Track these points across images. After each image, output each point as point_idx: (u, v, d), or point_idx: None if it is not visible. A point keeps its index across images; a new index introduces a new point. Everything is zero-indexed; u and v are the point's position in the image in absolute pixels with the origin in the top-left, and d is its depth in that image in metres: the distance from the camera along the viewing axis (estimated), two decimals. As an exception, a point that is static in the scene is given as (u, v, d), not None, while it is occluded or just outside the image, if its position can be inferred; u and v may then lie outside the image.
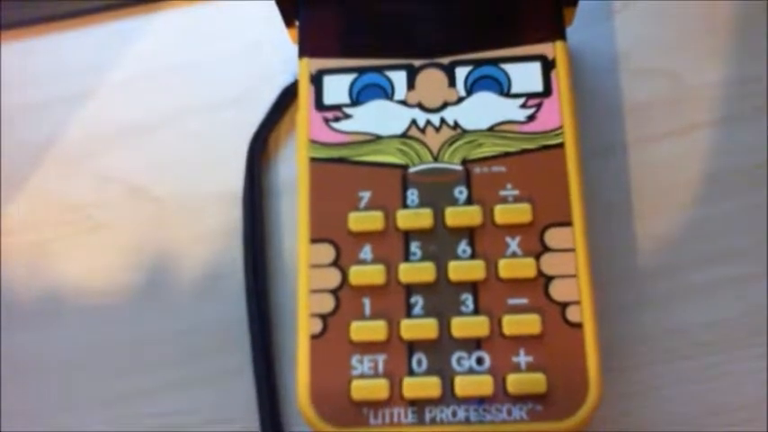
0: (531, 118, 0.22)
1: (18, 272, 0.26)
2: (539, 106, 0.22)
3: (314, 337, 0.21)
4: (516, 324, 0.21)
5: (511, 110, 0.22)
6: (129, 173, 0.27)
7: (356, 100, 0.23)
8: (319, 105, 0.23)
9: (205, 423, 0.24)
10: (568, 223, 0.21)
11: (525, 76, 0.23)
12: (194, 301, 0.25)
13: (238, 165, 0.26)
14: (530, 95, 0.22)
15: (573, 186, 0.22)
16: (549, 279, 0.21)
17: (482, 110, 0.22)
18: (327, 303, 0.21)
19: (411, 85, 0.23)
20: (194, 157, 0.26)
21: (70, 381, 0.24)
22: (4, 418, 0.24)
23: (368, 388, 0.21)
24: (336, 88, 0.23)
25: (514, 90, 0.22)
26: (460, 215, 0.22)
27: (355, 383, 0.21)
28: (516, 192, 0.22)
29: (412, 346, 0.21)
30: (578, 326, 0.21)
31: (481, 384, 0.20)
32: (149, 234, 0.26)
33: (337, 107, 0.23)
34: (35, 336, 0.25)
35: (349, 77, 0.23)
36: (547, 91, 0.22)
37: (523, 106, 0.22)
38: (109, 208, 0.26)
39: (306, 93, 0.23)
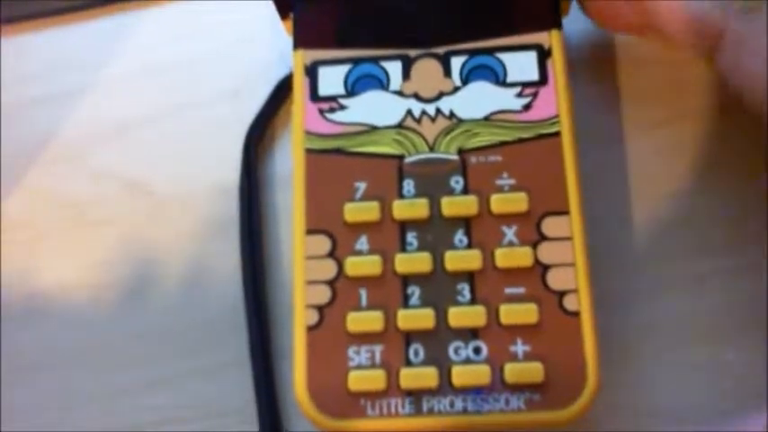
0: (527, 107, 0.22)
1: (15, 268, 0.26)
2: (535, 95, 0.22)
3: (310, 329, 0.21)
4: (513, 313, 0.21)
5: (507, 99, 0.22)
6: (126, 168, 0.27)
7: (351, 91, 0.23)
8: (314, 97, 0.23)
9: (202, 417, 0.23)
10: (565, 212, 0.21)
11: (521, 66, 0.22)
12: (191, 295, 0.25)
13: (235, 159, 0.25)
14: (525, 84, 0.22)
15: (569, 175, 0.21)
16: (546, 268, 0.21)
17: (478, 99, 0.22)
18: (324, 294, 0.21)
19: (406, 75, 0.23)
20: (191, 151, 0.26)
21: (67, 376, 0.24)
22: (3, 414, 0.24)
23: (365, 379, 0.21)
24: (331, 79, 0.23)
25: (510, 79, 0.22)
26: (457, 205, 0.21)
27: (352, 374, 0.21)
28: (512, 181, 0.22)
29: (409, 337, 0.21)
30: (575, 314, 0.20)
31: (478, 374, 0.20)
32: (146, 229, 0.26)
33: (332, 98, 0.23)
34: (32, 332, 0.25)
35: (344, 68, 0.23)
36: (543, 80, 0.22)
37: (519, 95, 0.22)
38: (105, 204, 0.26)
39: (301, 84, 0.23)
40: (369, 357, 0.21)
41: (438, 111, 0.22)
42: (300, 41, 0.23)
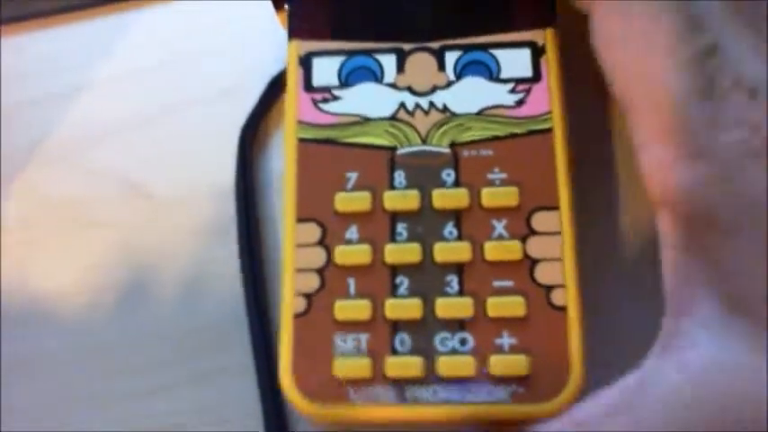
0: (519, 103, 0.22)
1: (13, 270, 0.26)
2: (528, 91, 0.22)
3: (298, 316, 0.21)
4: (500, 306, 0.21)
5: (500, 94, 0.22)
6: (123, 169, 0.26)
7: (345, 82, 0.23)
8: (308, 87, 0.23)
9: (203, 422, 0.23)
10: (555, 207, 0.21)
11: (515, 62, 0.23)
12: (190, 299, 0.25)
13: (232, 159, 0.25)
14: (519, 81, 0.22)
15: (560, 171, 0.22)
16: (535, 262, 0.21)
17: (471, 94, 0.22)
18: (312, 282, 0.21)
19: (400, 68, 0.23)
20: (188, 151, 0.26)
21: (66, 380, 0.24)
22: (2, 417, 0.24)
23: (350, 366, 0.21)
24: (325, 70, 0.23)
25: (504, 75, 0.23)
26: (447, 197, 0.22)
27: (338, 361, 0.21)
28: (504, 175, 0.22)
29: (396, 326, 0.21)
30: (562, 309, 0.21)
31: (463, 365, 0.20)
32: (144, 230, 0.26)
33: (326, 89, 0.23)
34: (30, 335, 0.25)
35: (338, 60, 0.23)
36: (536, 77, 0.22)
37: (512, 91, 0.22)
38: (102, 205, 0.26)
39: (294, 74, 0.23)
40: (355, 345, 0.21)
41: (431, 104, 0.22)
42: (295, 32, 0.23)
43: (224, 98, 0.27)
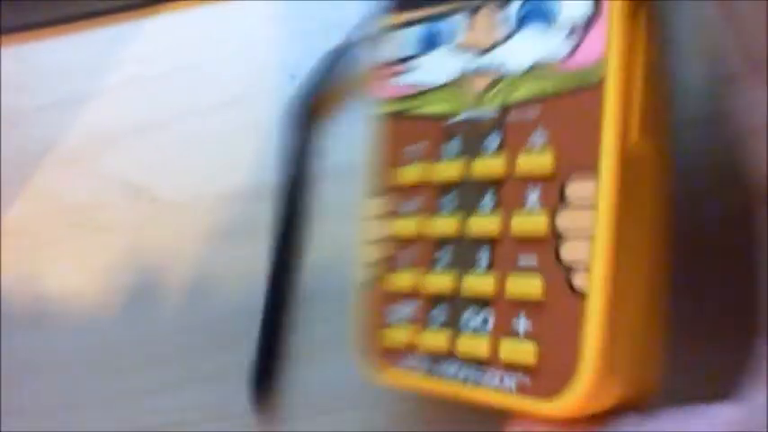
0: (573, 51, 0.19)
1: (19, 273, 0.27)
2: (583, 36, 0.19)
3: (361, 287, 0.23)
4: (518, 285, 0.19)
5: (555, 43, 0.19)
6: (130, 174, 0.27)
7: (416, 52, 0.22)
8: (385, 61, 0.23)
9: (204, 420, 0.25)
10: (593, 176, 0.18)
11: (576, 4, 0.19)
12: (193, 301, 0.25)
13: (238, 165, 0.26)
14: (576, 23, 0.19)
15: (607, 133, 0.18)
16: (562, 239, 0.18)
17: (527, 46, 0.20)
18: (373, 255, 0.22)
19: (467, 27, 0.21)
20: (194, 158, 0.27)
21: (71, 380, 0.26)
22: (4, 417, 0.26)
23: (396, 335, 0.21)
24: (400, 42, 0.23)
25: (562, 18, 0.19)
26: (486, 166, 0.20)
27: (387, 330, 0.22)
28: (545, 139, 0.19)
29: (434, 300, 0.21)
30: (582, 295, 0.18)
31: (479, 345, 0.19)
32: (149, 235, 0.26)
33: (399, 61, 0.23)
34: (35, 336, 0.26)
35: (413, 30, 0.23)
36: (595, 15, 0.19)
37: (569, 37, 0.19)
38: (109, 210, 0.27)
39: (377, 50, 0.23)
40: (402, 315, 0.22)
41: (488, 64, 0.21)
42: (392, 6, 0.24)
43: (230, 106, 0.27)
